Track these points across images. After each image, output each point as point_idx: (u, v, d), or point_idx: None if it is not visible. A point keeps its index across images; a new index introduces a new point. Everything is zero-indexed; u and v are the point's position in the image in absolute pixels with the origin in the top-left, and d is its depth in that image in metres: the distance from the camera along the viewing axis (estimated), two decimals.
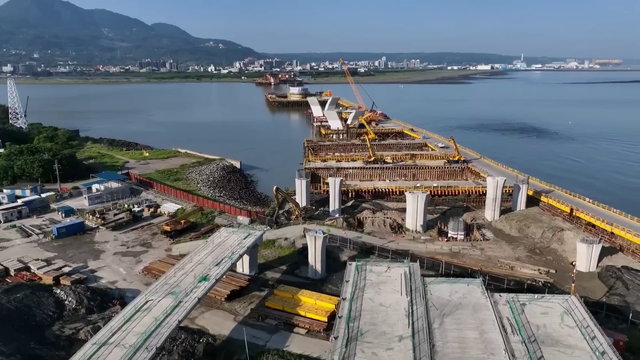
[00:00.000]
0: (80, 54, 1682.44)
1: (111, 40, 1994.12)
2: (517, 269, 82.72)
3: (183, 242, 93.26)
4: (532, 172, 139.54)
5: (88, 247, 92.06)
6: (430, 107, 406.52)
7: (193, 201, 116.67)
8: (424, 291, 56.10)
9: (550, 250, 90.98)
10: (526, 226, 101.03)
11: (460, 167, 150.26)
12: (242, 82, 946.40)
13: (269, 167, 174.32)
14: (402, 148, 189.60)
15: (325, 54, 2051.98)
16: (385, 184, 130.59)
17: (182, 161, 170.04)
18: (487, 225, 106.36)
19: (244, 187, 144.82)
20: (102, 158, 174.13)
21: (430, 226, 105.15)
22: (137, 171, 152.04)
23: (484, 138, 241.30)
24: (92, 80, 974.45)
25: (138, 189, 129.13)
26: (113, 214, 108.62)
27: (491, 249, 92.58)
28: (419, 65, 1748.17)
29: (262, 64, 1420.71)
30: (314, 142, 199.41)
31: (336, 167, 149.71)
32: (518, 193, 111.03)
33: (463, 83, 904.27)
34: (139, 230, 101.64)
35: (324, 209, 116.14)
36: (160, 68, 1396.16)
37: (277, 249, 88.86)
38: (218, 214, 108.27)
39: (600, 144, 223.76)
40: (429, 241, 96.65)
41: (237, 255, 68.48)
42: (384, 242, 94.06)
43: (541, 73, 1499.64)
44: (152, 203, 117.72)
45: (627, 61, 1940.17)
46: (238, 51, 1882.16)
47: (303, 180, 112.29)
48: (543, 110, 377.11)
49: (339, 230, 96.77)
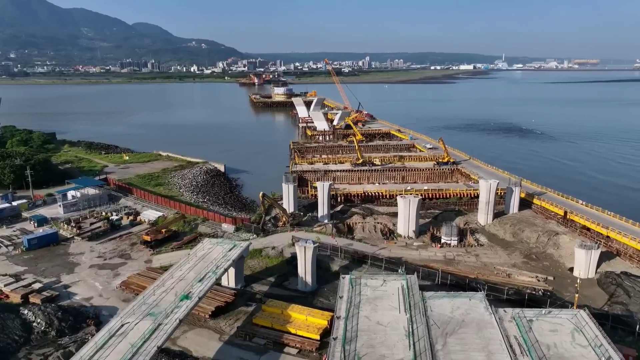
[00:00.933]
0: (58, 54, 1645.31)
1: (91, 40, 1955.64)
2: (514, 276, 79.81)
3: (164, 253, 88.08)
4: (521, 173, 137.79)
5: (62, 260, 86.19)
6: (415, 107, 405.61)
7: (175, 208, 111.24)
8: (424, 307, 52.39)
9: (547, 255, 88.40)
10: (520, 230, 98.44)
11: (449, 169, 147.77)
12: (226, 82, 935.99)
13: (254, 170, 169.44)
14: (390, 149, 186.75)
15: (309, 54, 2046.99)
16: (374, 188, 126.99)
17: (163, 165, 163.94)
18: (481, 229, 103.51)
19: (228, 192, 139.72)
20: (79, 162, 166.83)
21: (423, 231, 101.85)
22: (116, 176, 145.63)
23: (471, 138, 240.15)
24: (71, 81, 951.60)
25: (117, 196, 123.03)
26: (89, 222, 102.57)
27: (486, 255, 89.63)
28: (403, 65, 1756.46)
29: (245, 64, 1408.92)
30: (300, 143, 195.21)
31: (323, 170, 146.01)
32: (511, 196, 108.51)
33: (447, 83, 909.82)
34: (117, 240, 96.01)
35: (313, 214, 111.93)
36: (141, 68, 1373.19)
37: (265, 258, 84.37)
38: (201, 221, 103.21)
39: (585, 144, 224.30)
40: (422, 247, 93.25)
41: (222, 269, 63.84)
42: (375, 249, 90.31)
43: (522, 73, 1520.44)
44: (132, 210, 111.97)
45: (604, 61, 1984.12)
46: (221, 51, 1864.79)
47: (290, 184, 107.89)
48: (527, 110, 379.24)
49: (328, 238, 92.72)
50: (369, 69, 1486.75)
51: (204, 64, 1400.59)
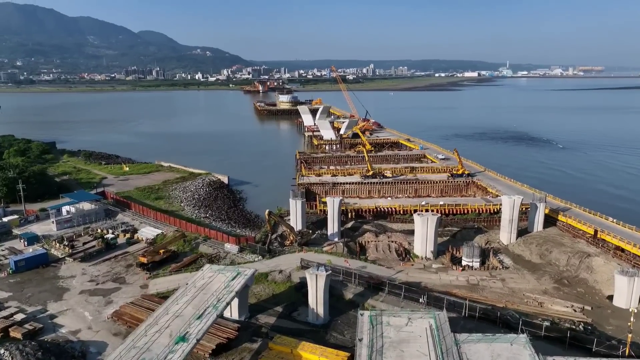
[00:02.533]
0: (64, 62, 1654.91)
1: (97, 48, 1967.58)
2: (547, 305, 72.04)
3: (162, 277, 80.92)
4: (540, 186, 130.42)
5: (50, 285, 79.18)
6: (422, 115, 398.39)
7: (175, 225, 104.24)
8: (459, 355, 44.87)
9: (580, 280, 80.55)
10: (548, 251, 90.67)
11: (464, 182, 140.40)
12: (230, 89, 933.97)
13: (259, 181, 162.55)
14: (400, 160, 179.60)
15: (313, 62, 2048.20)
16: (387, 203, 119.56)
17: (164, 176, 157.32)
18: (504, 249, 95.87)
19: (232, 206, 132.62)
20: (77, 174, 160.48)
21: (441, 251, 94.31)
22: (114, 188, 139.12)
23: (482, 147, 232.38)
24: (76, 89, 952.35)
25: (114, 210, 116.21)
26: (83, 241, 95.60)
27: (513, 279, 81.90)
28: (407, 72, 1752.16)
29: (249, 72, 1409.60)
30: (306, 153, 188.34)
31: (332, 183, 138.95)
32: (535, 212, 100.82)
33: (452, 90, 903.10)
34: (112, 261, 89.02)
35: (322, 231, 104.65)
36: (146, 76, 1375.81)
37: (271, 284, 77.07)
38: (203, 240, 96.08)
39: (603, 154, 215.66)
40: (441, 270, 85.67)
41: (224, 303, 56.53)
42: (391, 272, 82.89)
43: (527, 80, 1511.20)
44: (129, 227, 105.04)
45: (609, 68, 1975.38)
46: (226, 59, 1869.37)
47: (298, 200, 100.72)
48: (537, 118, 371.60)
49: (340, 260, 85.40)
50: (373, 76, 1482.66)
51: (208, 72, 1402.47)
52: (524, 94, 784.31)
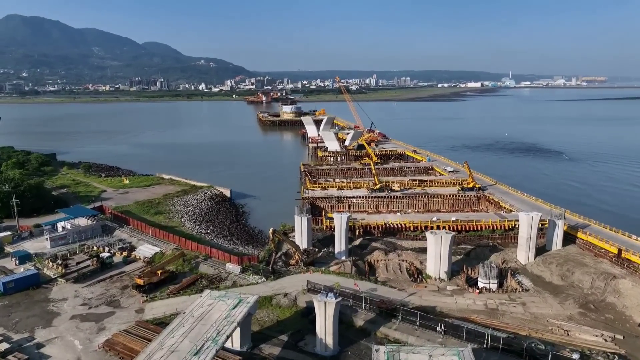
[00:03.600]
0: (69, 73, 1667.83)
1: (101, 59, 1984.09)
2: (574, 333, 66.52)
3: (159, 300, 75.82)
4: (553, 200, 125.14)
5: (40, 308, 74.20)
6: (427, 126, 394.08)
7: (174, 242, 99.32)
8: None
9: (607, 305, 74.95)
10: (570, 272, 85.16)
11: (475, 195, 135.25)
12: (234, 100, 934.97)
13: (262, 195, 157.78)
14: (407, 172, 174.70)
15: (316, 72, 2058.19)
16: (396, 218, 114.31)
17: (165, 190, 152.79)
18: (522, 270, 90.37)
19: (234, 221, 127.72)
20: (76, 187, 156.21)
21: (455, 271, 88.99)
22: (113, 203, 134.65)
23: (490, 159, 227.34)
24: (80, 99, 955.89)
25: (112, 227, 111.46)
26: (76, 261, 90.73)
27: (534, 303, 76.33)
28: (410, 83, 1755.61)
29: (253, 82, 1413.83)
30: (311, 166, 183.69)
31: (338, 197, 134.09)
32: (553, 230, 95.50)
33: (456, 100, 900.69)
34: (107, 282, 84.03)
35: (328, 249, 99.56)
36: (150, 87, 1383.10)
37: (275, 309, 71.85)
38: (203, 259, 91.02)
39: (617, 167, 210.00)
40: (457, 293, 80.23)
41: (225, 335, 51.36)
42: (404, 295, 77.58)
43: (530, 90, 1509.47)
44: (127, 245, 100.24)
45: (612, 78, 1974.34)
46: (229, 69, 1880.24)
47: (304, 217, 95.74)
48: (544, 129, 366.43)
49: (349, 282, 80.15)
50: (376, 87, 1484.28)
51: (212, 82, 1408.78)
52: (527, 104, 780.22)
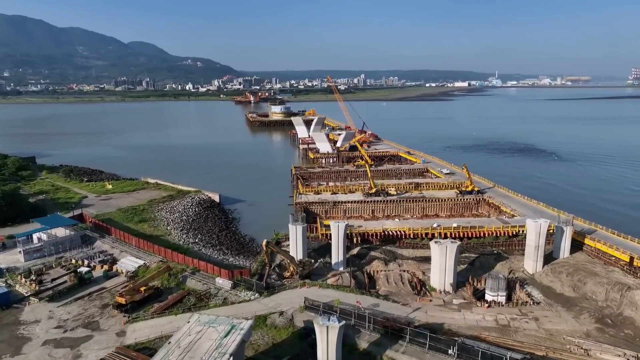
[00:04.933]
0: (53, 72, 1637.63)
1: (86, 59, 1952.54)
2: (594, 353, 61.59)
3: (142, 321, 69.18)
4: (554, 203, 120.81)
5: (9, 333, 67.10)
6: (417, 126, 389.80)
7: (159, 254, 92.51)
8: None
9: (625, 320, 70.28)
10: (581, 282, 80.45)
11: (474, 199, 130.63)
12: (221, 100, 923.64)
13: (253, 199, 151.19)
14: (402, 175, 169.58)
15: (304, 72, 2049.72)
16: (395, 225, 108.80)
17: (151, 195, 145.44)
18: (530, 280, 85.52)
19: (223, 228, 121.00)
20: (55, 193, 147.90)
21: (459, 282, 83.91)
22: (94, 210, 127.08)
23: (484, 159, 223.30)
24: (64, 99, 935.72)
25: (92, 236, 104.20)
26: (51, 278, 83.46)
27: (547, 318, 71.38)
28: (398, 82, 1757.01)
29: (241, 82, 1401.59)
30: (302, 168, 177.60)
31: (332, 201, 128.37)
32: (561, 237, 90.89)
33: (444, 100, 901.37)
34: (85, 301, 77.07)
35: (324, 260, 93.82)
36: (136, 86, 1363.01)
37: (271, 329, 65.75)
38: (191, 272, 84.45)
39: (614, 168, 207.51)
40: (464, 307, 74.96)
41: None
42: (408, 311, 72.11)
43: (517, 90, 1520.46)
44: (108, 257, 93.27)
45: (595, 78, 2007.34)
46: (216, 69, 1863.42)
47: (299, 225, 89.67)
48: (535, 129, 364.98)
49: (349, 296, 74.40)
50: (364, 86, 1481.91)
51: (199, 82, 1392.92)
52: (515, 103, 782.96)
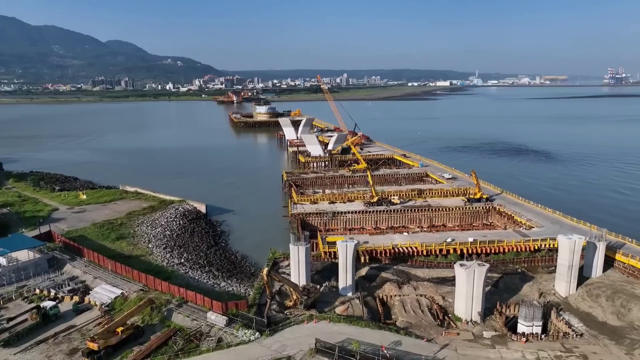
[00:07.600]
0: (27, 72, 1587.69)
1: (62, 58, 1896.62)
2: None
3: None
4: (568, 210, 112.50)
5: None
6: (405, 126, 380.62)
7: (139, 280, 79.85)
8: None
9: None
10: (624, 308, 71.11)
11: (484, 207, 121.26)
12: (203, 100, 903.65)
13: (242, 209, 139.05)
14: (401, 180, 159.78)
15: (286, 71, 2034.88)
16: (405, 240, 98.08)
17: (129, 206, 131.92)
18: (565, 304, 75.84)
19: (212, 244, 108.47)
20: (21, 205, 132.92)
21: (487, 308, 73.72)
22: (66, 225, 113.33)
23: (477, 160, 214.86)
24: (38, 100, 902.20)
25: (62, 259, 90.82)
26: (10, 314, 70.17)
27: (597, 355, 61.55)
28: (380, 82, 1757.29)
29: (222, 82, 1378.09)
30: (295, 174, 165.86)
31: (331, 212, 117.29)
32: (593, 253, 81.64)
33: (428, 99, 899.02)
34: (50, 344, 64.25)
35: (330, 283, 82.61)
36: (115, 86, 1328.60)
37: None
38: (177, 304, 72.16)
39: (615, 167, 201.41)
40: (498, 342, 64.69)
41: None
42: (435, 349, 61.54)
43: (497, 89, 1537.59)
44: (79, 285, 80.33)
45: (572, 77, 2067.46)
46: (197, 68, 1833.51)
47: (301, 246, 78.08)
48: (525, 128, 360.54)
49: (364, 332, 63.34)
50: (347, 86, 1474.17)
51: (179, 82, 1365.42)
52: (498, 103, 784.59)
